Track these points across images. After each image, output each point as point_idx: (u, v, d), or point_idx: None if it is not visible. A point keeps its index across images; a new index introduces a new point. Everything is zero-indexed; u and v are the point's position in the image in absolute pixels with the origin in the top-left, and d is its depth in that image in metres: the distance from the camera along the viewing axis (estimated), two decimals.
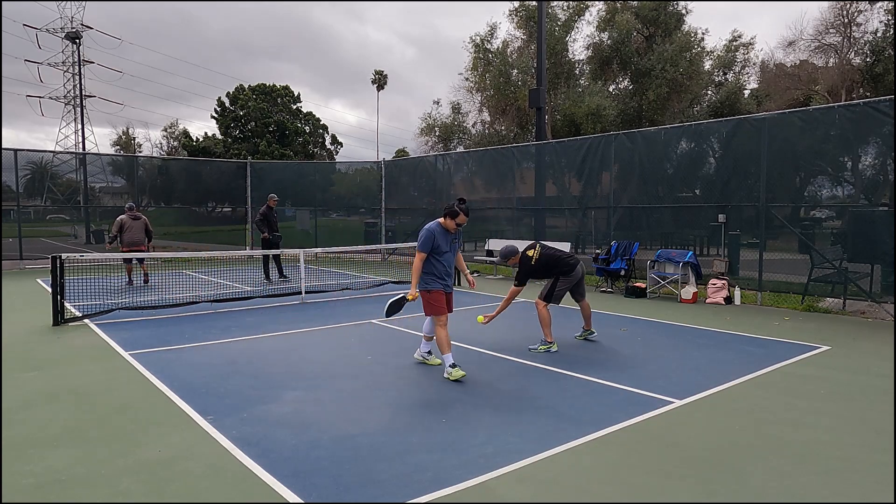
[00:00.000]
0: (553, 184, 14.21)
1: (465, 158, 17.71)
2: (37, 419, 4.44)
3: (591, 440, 4.03)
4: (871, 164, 9.79)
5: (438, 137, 31.25)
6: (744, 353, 6.53)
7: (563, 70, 26.43)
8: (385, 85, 66.36)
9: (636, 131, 12.75)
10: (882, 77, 23.78)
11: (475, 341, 7.01)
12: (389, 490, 3.31)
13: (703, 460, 3.74)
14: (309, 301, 10.15)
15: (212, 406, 4.70)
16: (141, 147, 49.21)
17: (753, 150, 10.15)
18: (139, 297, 10.08)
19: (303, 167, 22.23)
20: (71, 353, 6.50)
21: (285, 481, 3.41)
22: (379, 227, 18.53)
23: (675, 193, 11.92)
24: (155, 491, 3.31)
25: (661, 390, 5.12)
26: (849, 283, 9.22)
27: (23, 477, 3.48)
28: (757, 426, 4.32)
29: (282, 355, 6.42)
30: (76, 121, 44.67)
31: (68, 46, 43.24)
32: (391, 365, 6.01)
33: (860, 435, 4.16)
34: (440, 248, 5.59)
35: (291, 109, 46.18)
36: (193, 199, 19.93)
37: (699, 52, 26.84)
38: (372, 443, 3.97)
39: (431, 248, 5.56)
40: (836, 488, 3.37)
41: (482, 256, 14.60)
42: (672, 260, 10.74)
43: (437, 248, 5.58)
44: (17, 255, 15.32)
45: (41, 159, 18.62)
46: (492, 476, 3.49)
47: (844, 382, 5.44)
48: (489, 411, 4.58)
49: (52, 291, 8.12)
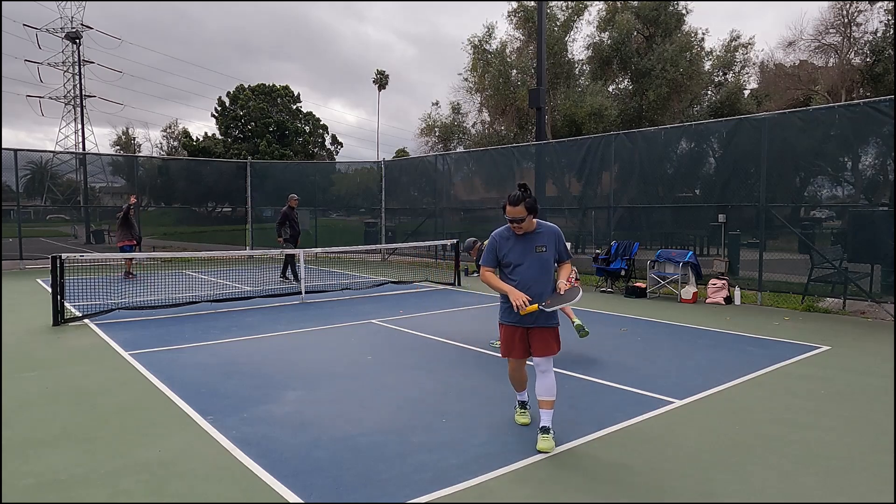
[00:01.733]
0: (553, 184, 14.21)
1: (465, 158, 17.72)
2: (37, 419, 4.44)
3: (591, 440, 4.03)
4: (871, 164, 9.79)
5: (438, 138, 31.26)
6: (744, 353, 6.53)
7: (563, 70, 26.43)
8: (386, 84, 66.30)
9: (636, 131, 12.75)
10: (882, 77, 23.78)
11: (474, 341, 7.01)
12: (389, 490, 3.31)
13: (703, 460, 3.74)
14: (309, 301, 10.15)
15: (212, 406, 4.70)
16: (141, 147, 49.21)
17: (753, 150, 10.15)
18: (139, 297, 10.08)
19: (303, 167, 22.24)
20: (71, 353, 6.50)
21: (285, 481, 3.41)
22: (379, 227, 18.53)
23: (675, 193, 11.92)
24: (155, 491, 3.31)
25: (661, 390, 5.12)
26: (849, 283, 9.21)
27: (23, 477, 3.48)
28: (757, 426, 4.32)
29: (282, 355, 6.42)
30: (76, 121, 44.70)
31: (68, 46, 43.23)
32: (391, 365, 6.01)
33: (860, 435, 4.16)
34: (509, 259, 3.98)
35: (291, 109, 46.16)
36: (193, 199, 19.92)
37: (699, 52, 26.86)
38: (372, 443, 3.97)
39: (497, 262, 4.07)
40: (836, 488, 3.37)
41: None
42: (672, 260, 10.73)
43: (505, 261, 4.02)
44: (17, 255, 15.32)
45: (41, 159, 18.64)
46: (492, 476, 3.49)
47: (844, 382, 5.44)
48: (489, 411, 4.58)
49: (52, 291, 8.12)
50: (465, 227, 16.45)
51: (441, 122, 31.34)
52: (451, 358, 6.31)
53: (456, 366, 5.99)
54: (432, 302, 10.14)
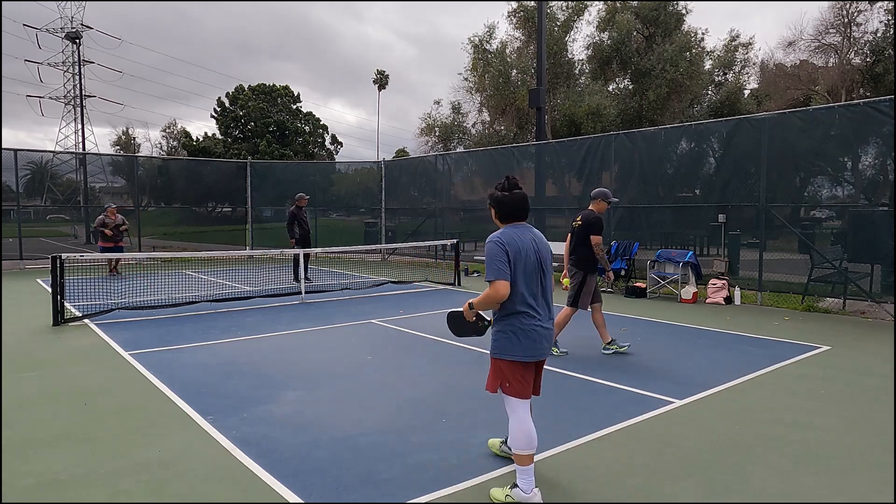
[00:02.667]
0: (553, 184, 14.21)
1: (465, 158, 17.72)
2: (37, 419, 4.44)
3: (591, 440, 4.03)
4: (871, 164, 9.78)
5: (438, 137, 31.26)
6: (744, 353, 6.53)
7: (563, 70, 26.44)
8: (386, 84, 66.29)
9: (636, 131, 12.75)
10: (882, 77, 23.78)
11: (474, 341, 7.01)
12: (389, 490, 3.31)
13: (703, 460, 3.74)
14: (309, 301, 10.15)
15: (212, 406, 4.70)
16: (140, 147, 49.23)
17: (753, 150, 10.15)
18: (139, 297, 10.07)
19: (303, 167, 22.24)
20: (71, 353, 6.50)
21: (285, 481, 3.41)
22: (379, 227, 18.54)
23: (675, 193, 11.92)
24: (155, 491, 3.31)
25: (661, 390, 5.12)
26: (849, 283, 9.21)
27: (23, 477, 3.48)
28: (757, 426, 4.31)
29: (282, 355, 6.42)
30: (76, 121, 44.68)
31: (68, 46, 43.23)
32: (391, 365, 6.01)
33: (860, 435, 4.16)
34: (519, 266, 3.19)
35: (291, 109, 46.20)
36: (193, 199, 19.92)
37: (699, 52, 26.86)
38: (372, 443, 3.97)
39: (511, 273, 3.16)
40: (836, 488, 3.37)
41: (482, 256, 14.56)
42: (672, 260, 10.74)
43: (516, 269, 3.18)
44: (17, 255, 15.32)
45: (41, 159, 18.64)
46: (492, 476, 3.49)
47: (844, 382, 5.44)
48: (489, 411, 4.58)
49: (52, 291, 8.12)
50: (465, 227, 16.46)
51: (441, 122, 31.35)
52: (451, 358, 6.31)
53: (456, 366, 5.99)
54: (432, 302, 10.14)
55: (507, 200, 3.32)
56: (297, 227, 12.17)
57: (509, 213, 3.33)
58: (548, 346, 3.30)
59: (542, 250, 3.32)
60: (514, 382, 3.25)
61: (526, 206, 3.34)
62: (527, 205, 3.35)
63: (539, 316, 3.23)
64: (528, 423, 3.25)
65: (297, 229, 12.15)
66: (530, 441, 3.21)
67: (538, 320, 3.22)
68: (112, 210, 13.57)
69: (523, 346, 3.20)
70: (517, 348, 3.21)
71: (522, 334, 3.20)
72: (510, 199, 3.31)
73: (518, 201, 3.32)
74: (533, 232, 3.35)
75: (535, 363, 3.34)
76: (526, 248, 3.21)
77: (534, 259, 3.24)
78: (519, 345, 3.21)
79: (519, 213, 3.33)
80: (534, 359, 3.25)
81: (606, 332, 6.57)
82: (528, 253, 3.21)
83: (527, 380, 3.28)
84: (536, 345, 3.22)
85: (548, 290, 3.34)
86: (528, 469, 3.19)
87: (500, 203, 3.33)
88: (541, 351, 3.25)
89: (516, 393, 3.26)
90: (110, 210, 13.55)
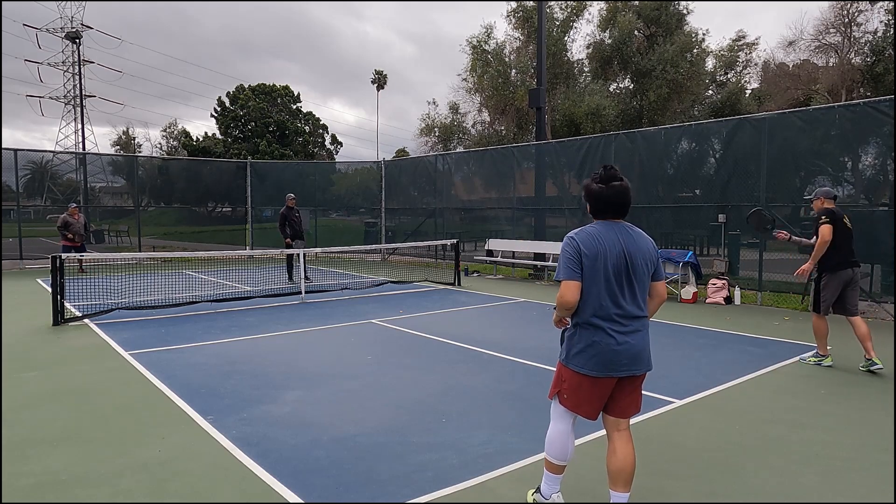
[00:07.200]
0: (553, 184, 14.21)
1: (465, 158, 17.72)
2: (37, 419, 4.44)
3: (592, 440, 4.02)
4: (871, 164, 9.78)
5: (438, 137, 31.25)
6: (744, 353, 6.53)
7: (562, 70, 26.43)
8: (385, 85, 66.33)
9: (636, 131, 12.74)
10: (882, 77, 23.77)
11: (474, 341, 7.01)
12: (389, 490, 3.30)
13: (703, 460, 3.74)
14: (309, 301, 10.15)
15: (212, 406, 4.70)
16: (141, 147, 49.19)
17: (753, 150, 10.15)
18: (139, 297, 10.07)
19: (303, 167, 22.23)
20: (71, 353, 6.50)
21: (285, 481, 3.41)
22: (379, 227, 18.54)
23: (675, 193, 11.92)
24: (155, 491, 3.31)
25: (661, 390, 5.12)
26: None
27: (23, 477, 3.48)
28: (757, 426, 4.31)
29: (282, 355, 6.41)
30: (76, 121, 44.76)
31: (68, 46, 43.29)
32: (391, 365, 6.01)
33: (860, 435, 4.16)
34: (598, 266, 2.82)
35: (291, 109, 46.18)
36: (193, 199, 19.92)
37: (700, 52, 26.85)
38: (372, 443, 3.97)
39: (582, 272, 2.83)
40: (836, 488, 3.37)
41: (482, 256, 14.61)
42: (672, 260, 10.73)
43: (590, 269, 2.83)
44: (17, 255, 15.32)
45: (41, 159, 18.64)
46: (492, 476, 3.49)
47: (844, 382, 5.44)
48: (489, 411, 4.58)
49: (52, 291, 8.12)
50: (465, 227, 16.46)
51: (441, 122, 31.34)
52: (451, 358, 6.31)
53: (456, 366, 5.99)
54: (432, 302, 10.14)
55: (602, 194, 2.85)
56: (288, 227, 12.23)
57: (603, 208, 2.88)
58: (631, 364, 2.83)
59: (635, 253, 2.83)
60: (572, 395, 2.89)
61: (625, 200, 2.86)
62: (627, 199, 2.86)
63: (615, 333, 2.79)
64: (567, 436, 3.01)
65: (288, 229, 12.21)
66: (563, 454, 3.02)
67: (613, 338, 2.78)
68: (74, 209, 13.44)
69: (593, 361, 2.81)
70: (582, 359, 2.84)
71: (591, 349, 2.81)
72: (607, 192, 2.84)
73: (616, 195, 2.83)
74: (627, 232, 2.89)
75: (619, 378, 2.86)
76: (608, 250, 2.79)
77: (619, 263, 2.80)
78: (587, 356, 2.82)
79: (615, 208, 2.86)
80: (606, 375, 2.82)
81: (825, 342, 6.16)
82: (611, 256, 2.79)
83: (594, 396, 2.87)
84: (610, 362, 2.80)
85: (638, 298, 2.86)
86: (554, 478, 3.06)
87: (596, 197, 2.87)
88: (616, 368, 2.81)
89: (573, 407, 2.92)
90: (73, 209, 13.39)
